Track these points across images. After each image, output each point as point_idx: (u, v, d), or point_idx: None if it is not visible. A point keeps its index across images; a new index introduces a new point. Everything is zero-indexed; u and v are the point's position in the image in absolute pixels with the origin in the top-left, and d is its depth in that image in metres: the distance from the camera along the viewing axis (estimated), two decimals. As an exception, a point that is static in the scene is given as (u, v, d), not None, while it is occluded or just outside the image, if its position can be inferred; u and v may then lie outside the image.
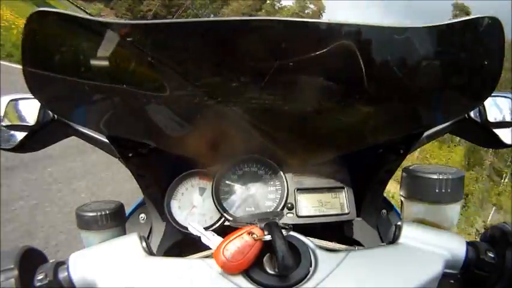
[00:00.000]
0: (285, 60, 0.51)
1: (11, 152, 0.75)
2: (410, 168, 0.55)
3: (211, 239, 0.47)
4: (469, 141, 0.86)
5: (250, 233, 0.43)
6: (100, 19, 0.48)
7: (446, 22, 0.51)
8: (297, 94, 0.57)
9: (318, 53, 0.51)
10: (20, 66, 0.49)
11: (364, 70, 0.55)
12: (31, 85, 0.50)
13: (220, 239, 0.45)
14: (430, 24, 0.52)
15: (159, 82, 0.55)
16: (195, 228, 0.52)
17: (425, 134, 0.69)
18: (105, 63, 0.50)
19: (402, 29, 0.51)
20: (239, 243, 0.41)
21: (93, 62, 0.50)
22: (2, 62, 7.03)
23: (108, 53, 0.49)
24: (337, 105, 0.60)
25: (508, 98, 0.76)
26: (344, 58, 0.53)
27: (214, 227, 0.75)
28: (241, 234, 0.43)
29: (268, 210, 0.77)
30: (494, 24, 0.51)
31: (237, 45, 0.50)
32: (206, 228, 0.75)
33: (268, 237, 0.42)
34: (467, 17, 0.50)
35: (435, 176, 0.51)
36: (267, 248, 0.43)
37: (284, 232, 0.43)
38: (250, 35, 0.49)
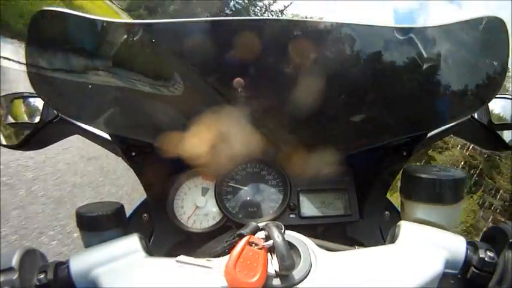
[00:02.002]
0: (287, 59, 0.51)
1: (14, 149, 0.75)
2: (411, 168, 0.55)
3: (212, 266, 0.43)
4: (472, 143, 0.86)
5: (251, 243, 0.43)
6: (103, 18, 0.48)
7: (449, 22, 0.51)
8: (300, 94, 0.57)
9: (320, 52, 0.52)
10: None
11: (367, 70, 0.55)
12: (35, 83, 0.50)
13: (220, 261, 0.43)
14: (434, 25, 0.52)
15: (162, 81, 0.55)
16: (186, 261, 0.44)
17: (429, 135, 0.69)
18: (108, 61, 0.50)
19: (406, 29, 0.51)
20: (249, 258, 0.41)
21: (96, 60, 0.50)
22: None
23: (111, 51, 0.50)
24: (339, 105, 0.60)
25: None
26: (347, 58, 0.53)
27: (217, 227, 0.75)
28: (243, 248, 0.42)
29: (271, 211, 0.76)
30: (498, 25, 0.51)
31: (239, 45, 0.50)
32: (209, 228, 0.75)
33: (270, 242, 0.42)
34: (471, 17, 0.50)
35: (435, 177, 0.51)
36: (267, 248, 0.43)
37: (282, 232, 0.43)
38: (253, 35, 0.50)
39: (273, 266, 0.42)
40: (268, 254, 0.43)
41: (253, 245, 0.43)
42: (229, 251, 0.46)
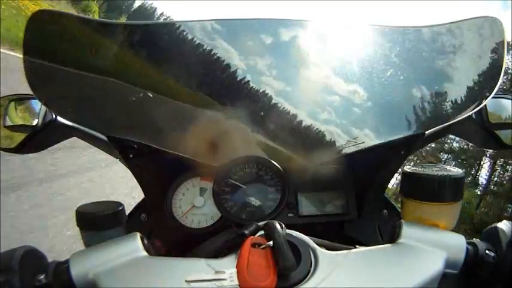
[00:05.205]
0: (285, 58, 0.51)
1: (11, 152, 0.75)
2: (411, 167, 0.55)
3: (223, 276, 0.42)
4: (470, 142, 0.86)
5: (254, 245, 0.43)
6: (100, 19, 0.48)
7: (446, 22, 0.51)
8: (300, 94, 0.57)
9: (318, 51, 0.52)
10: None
11: (365, 70, 0.55)
12: (33, 85, 0.50)
13: (229, 270, 0.42)
14: (431, 25, 0.52)
15: (160, 82, 0.55)
16: (195, 279, 0.42)
17: (426, 134, 0.69)
18: (105, 62, 0.50)
19: (403, 30, 0.52)
20: (256, 261, 0.41)
21: (93, 62, 0.50)
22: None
23: (108, 52, 0.50)
24: (337, 105, 0.60)
25: (510, 99, 0.76)
26: (345, 57, 0.53)
27: (215, 226, 0.75)
28: (249, 251, 0.42)
29: (269, 211, 0.76)
30: (495, 25, 0.51)
31: (239, 45, 0.50)
32: (208, 228, 0.75)
33: (271, 242, 0.42)
34: (468, 18, 0.51)
35: (435, 176, 0.51)
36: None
37: (282, 231, 0.43)
38: (254, 35, 0.50)
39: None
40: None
41: (256, 245, 0.43)
42: (230, 250, 0.46)
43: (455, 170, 0.52)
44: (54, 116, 0.73)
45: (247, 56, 0.52)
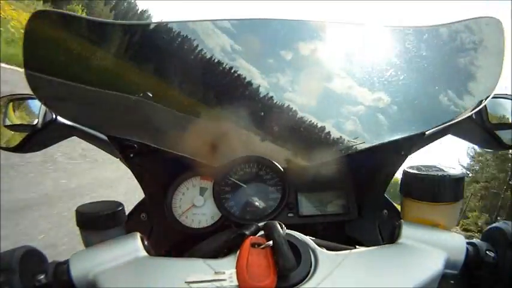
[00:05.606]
0: (286, 59, 0.51)
1: (11, 152, 0.75)
2: (411, 167, 0.55)
3: (223, 276, 0.41)
4: (470, 143, 0.86)
5: (254, 245, 0.43)
6: (100, 19, 0.48)
7: (447, 23, 0.51)
8: (297, 90, 0.57)
9: (317, 51, 0.52)
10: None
11: (364, 70, 0.55)
12: (33, 85, 0.50)
13: (229, 271, 0.42)
14: (431, 25, 0.52)
15: (160, 82, 0.55)
16: (195, 280, 0.41)
17: (427, 134, 0.69)
18: (105, 62, 0.50)
19: (404, 30, 0.52)
20: (256, 261, 0.41)
21: (93, 62, 0.50)
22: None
23: (108, 52, 0.50)
24: (338, 105, 0.60)
25: (510, 99, 0.76)
26: (344, 57, 0.53)
27: (215, 226, 0.75)
28: (249, 251, 0.42)
29: (269, 210, 0.76)
30: (495, 25, 0.51)
31: (241, 45, 0.50)
32: (207, 228, 0.75)
33: (271, 242, 0.42)
34: (468, 18, 0.51)
35: (435, 176, 0.51)
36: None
37: (282, 232, 0.44)
38: (256, 34, 0.50)
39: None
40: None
41: (256, 245, 0.43)
42: (229, 250, 0.47)
43: (455, 170, 0.53)
44: (54, 116, 0.73)
45: (249, 56, 0.52)
